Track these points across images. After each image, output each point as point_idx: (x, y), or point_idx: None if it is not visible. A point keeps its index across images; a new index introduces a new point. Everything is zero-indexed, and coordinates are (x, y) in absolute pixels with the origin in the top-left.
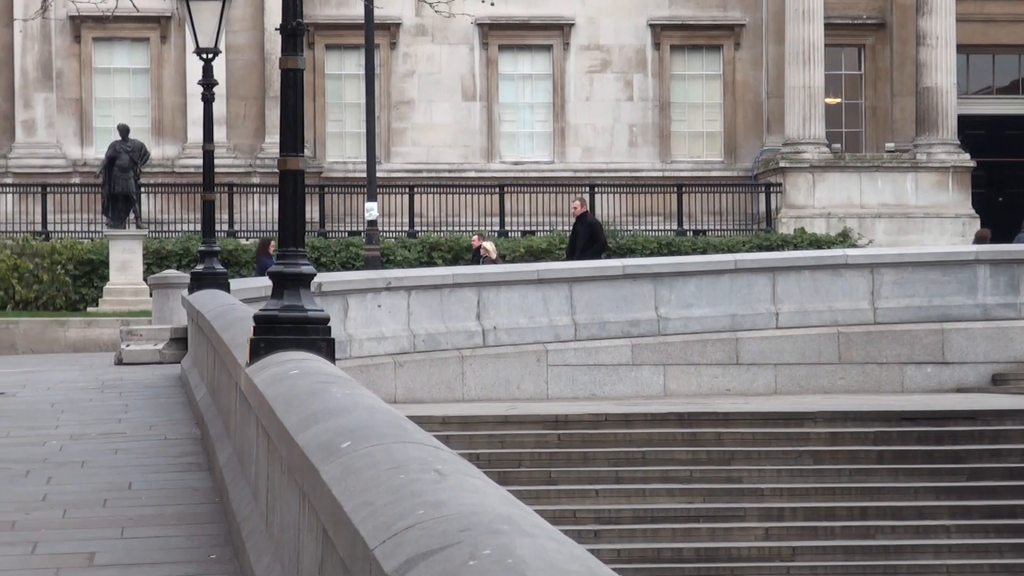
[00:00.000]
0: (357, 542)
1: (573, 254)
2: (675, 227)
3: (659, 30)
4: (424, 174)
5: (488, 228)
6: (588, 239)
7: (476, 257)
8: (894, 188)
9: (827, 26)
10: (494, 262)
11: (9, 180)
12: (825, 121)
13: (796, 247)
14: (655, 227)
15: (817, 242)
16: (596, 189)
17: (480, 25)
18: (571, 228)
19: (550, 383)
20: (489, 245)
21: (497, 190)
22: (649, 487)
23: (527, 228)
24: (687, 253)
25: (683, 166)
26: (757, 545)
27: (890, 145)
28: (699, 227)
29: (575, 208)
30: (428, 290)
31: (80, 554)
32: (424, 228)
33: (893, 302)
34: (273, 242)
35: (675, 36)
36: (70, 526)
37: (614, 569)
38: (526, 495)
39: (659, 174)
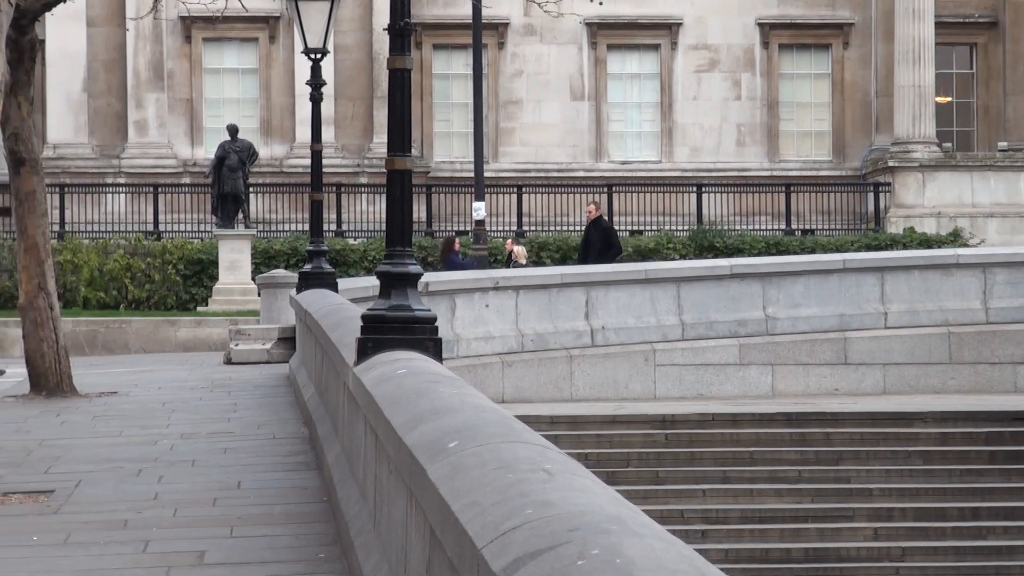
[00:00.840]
0: (465, 542)
1: (587, 259)
2: (783, 227)
3: (767, 29)
4: (532, 174)
5: None
6: (604, 244)
7: (508, 261)
8: (1007, 187)
9: (938, 24)
10: (524, 267)
11: (122, 180)
12: (936, 120)
13: (905, 247)
14: (763, 227)
15: (927, 241)
16: (703, 189)
17: (588, 25)
18: (583, 232)
19: (658, 383)
20: (520, 249)
21: (605, 189)
22: (757, 487)
23: (635, 228)
24: (795, 253)
25: (791, 165)
26: (866, 545)
27: (1003, 144)
28: (807, 227)
29: (589, 212)
30: (536, 290)
31: (191, 552)
32: (532, 227)
33: (1006, 302)
34: (458, 240)
35: (783, 35)
36: (181, 525)
37: (722, 569)
38: (634, 495)
39: (767, 174)
